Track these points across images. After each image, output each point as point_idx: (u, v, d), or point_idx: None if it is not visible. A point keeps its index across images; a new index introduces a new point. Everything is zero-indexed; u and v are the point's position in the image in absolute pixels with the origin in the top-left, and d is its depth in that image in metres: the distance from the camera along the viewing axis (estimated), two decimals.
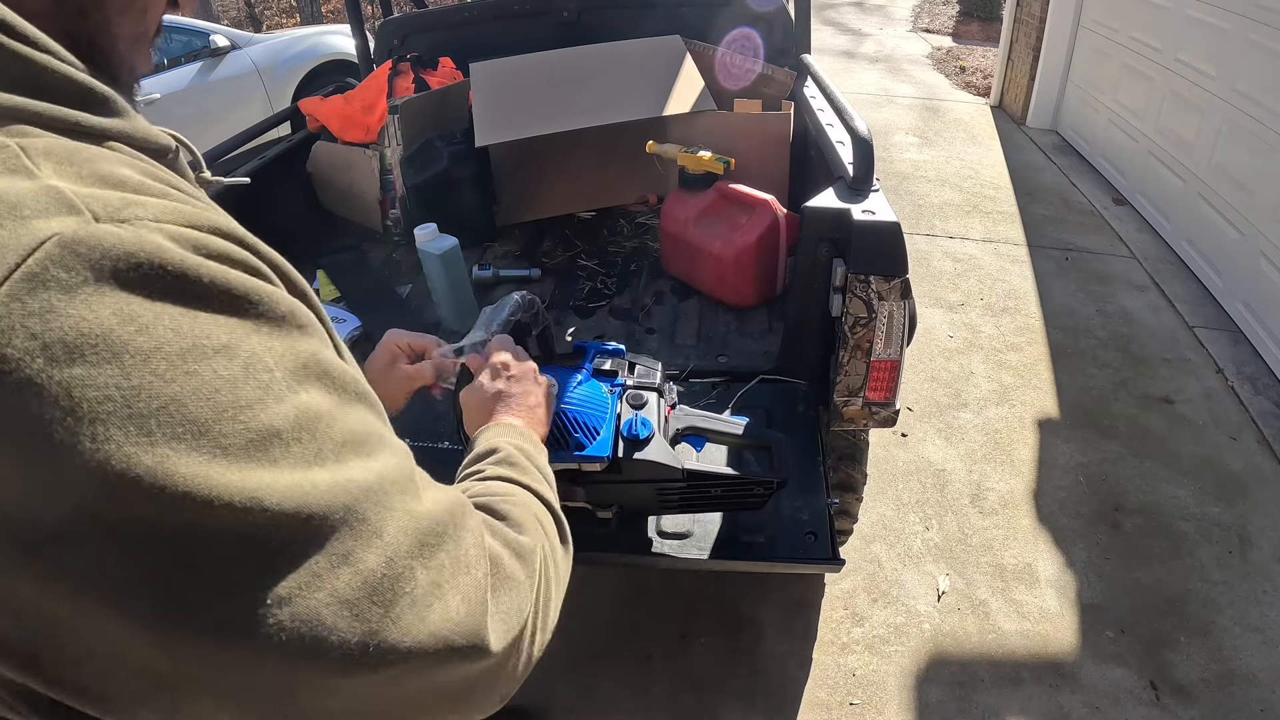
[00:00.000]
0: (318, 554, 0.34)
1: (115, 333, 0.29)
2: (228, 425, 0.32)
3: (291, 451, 0.34)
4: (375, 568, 0.36)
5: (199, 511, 0.30)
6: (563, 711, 1.80)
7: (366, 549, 0.36)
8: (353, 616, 0.35)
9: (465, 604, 0.41)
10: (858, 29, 8.34)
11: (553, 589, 0.54)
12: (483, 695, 0.46)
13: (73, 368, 0.28)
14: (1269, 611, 1.98)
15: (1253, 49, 3.10)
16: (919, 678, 1.85)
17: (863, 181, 1.50)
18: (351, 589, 0.35)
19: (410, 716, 0.41)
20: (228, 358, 0.32)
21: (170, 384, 0.30)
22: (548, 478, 0.68)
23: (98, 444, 0.28)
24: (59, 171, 0.32)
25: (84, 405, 0.28)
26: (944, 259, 3.66)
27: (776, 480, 1.17)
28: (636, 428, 1.07)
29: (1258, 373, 2.83)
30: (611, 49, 2.26)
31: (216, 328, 0.32)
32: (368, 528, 0.36)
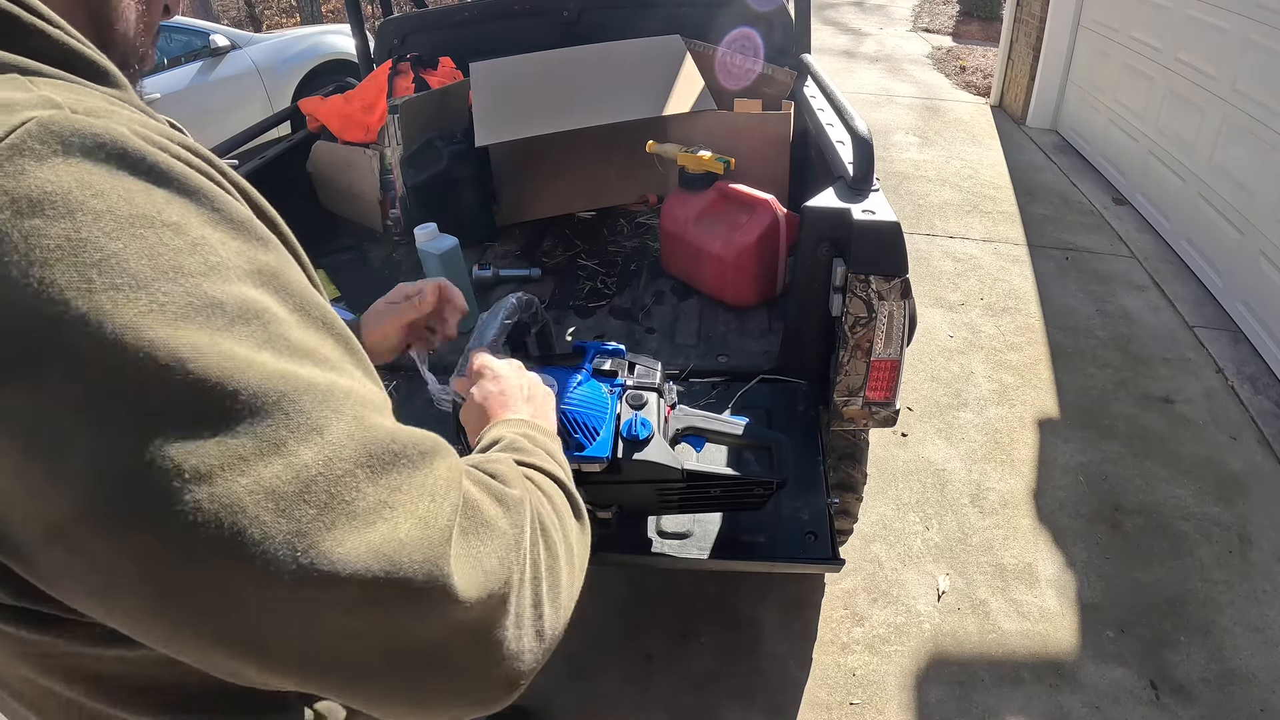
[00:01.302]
0: (246, 436, 0.33)
1: (73, 194, 0.32)
2: (167, 284, 0.33)
3: (233, 329, 0.34)
4: (310, 464, 0.34)
5: (126, 360, 0.31)
6: (563, 711, 1.80)
7: (302, 443, 0.34)
8: (278, 511, 0.33)
9: (421, 529, 0.37)
10: (858, 29, 8.34)
11: (560, 559, 0.48)
12: (468, 663, 0.40)
13: (33, 219, 0.31)
14: (1269, 611, 1.98)
15: (1253, 49, 3.10)
16: (919, 677, 1.85)
17: (863, 181, 1.50)
18: (280, 481, 0.33)
19: (373, 670, 0.37)
20: (176, 233, 0.34)
21: (115, 240, 0.32)
22: (558, 458, 0.61)
23: (43, 286, 0.31)
24: (56, 89, 0.37)
25: (37, 251, 0.31)
26: (944, 259, 3.66)
27: (776, 481, 1.17)
28: (636, 428, 1.07)
29: (1258, 373, 2.83)
30: (611, 49, 2.26)
31: (169, 206, 0.35)
32: (307, 421, 0.35)
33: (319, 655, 0.36)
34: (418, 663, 0.38)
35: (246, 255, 0.37)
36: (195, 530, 0.32)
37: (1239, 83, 3.19)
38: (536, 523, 0.48)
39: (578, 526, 0.55)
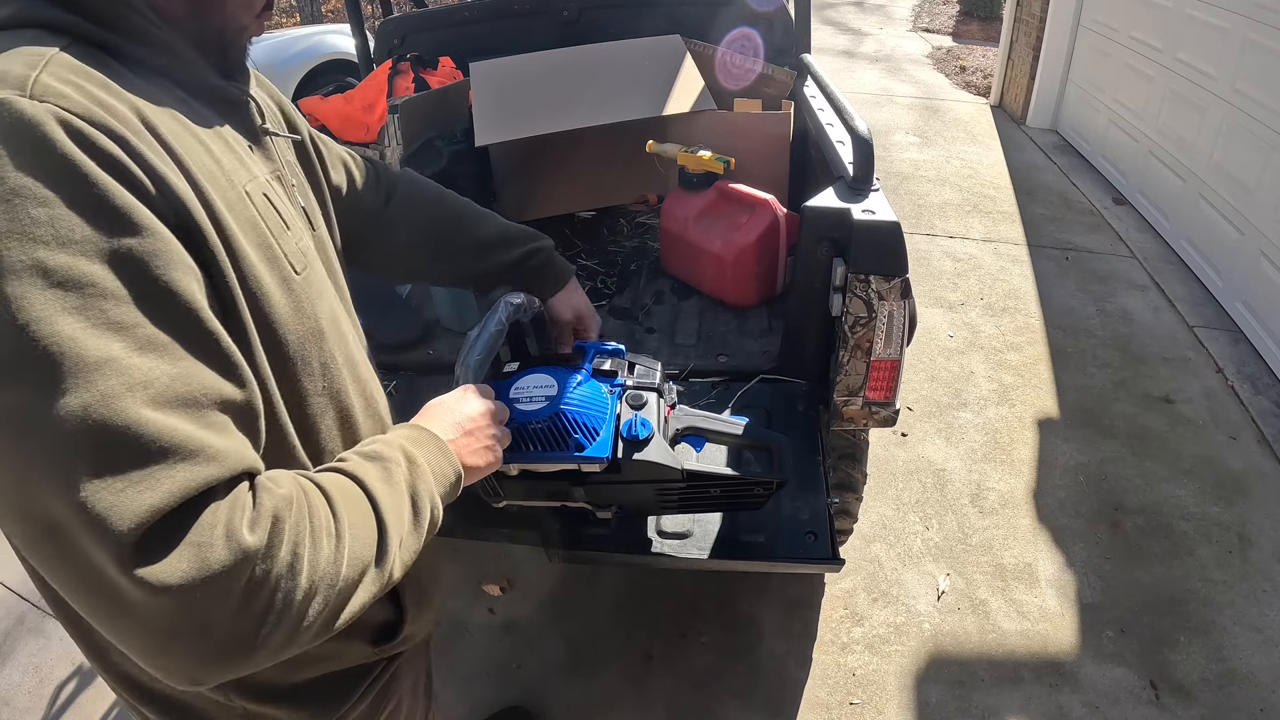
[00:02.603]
0: (9, 376, 0.41)
1: None
2: (14, 244, 0.41)
3: (49, 291, 0.42)
4: (43, 416, 0.41)
5: None
6: (562, 711, 1.80)
7: (45, 399, 0.41)
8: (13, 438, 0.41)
9: (108, 511, 0.42)
10: (858, 28, 8.34)
11: (297, 595, 0.49)
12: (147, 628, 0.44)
13: None
14: (1269, 611, 1.98)
15: (1253, 49, 3.10)
16: (919, 677, 1.85)
17: (863, 181, 1.50)
18: (22, 418, 0.41)
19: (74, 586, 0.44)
20: (40, 206, 0.42)
21: None
22: (417, 496, 0.63)
23: None
24: (56, 75, 0.47)
25: None
26: (944, 259, 3.66)
27: (776, 481, 1.17)
28: (636, 428, 1.07)
29: (1258, 372, 2.83)
30: (611, 48, 2.26)
31: (44, 187, 0.43)
32: (58, 383, 0.42)
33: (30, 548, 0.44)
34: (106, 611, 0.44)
35: (102, 238, 0.44)
36: None
37: (1239, 83, 3.19)
38: (278, 561, 0.49)
39: (369, 569, 0.56)
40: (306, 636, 0.51)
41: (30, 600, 2.14)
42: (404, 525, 0.60)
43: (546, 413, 0.98)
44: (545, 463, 1.00)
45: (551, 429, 0.98)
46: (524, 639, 1.97)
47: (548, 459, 1.00)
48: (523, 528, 1.41)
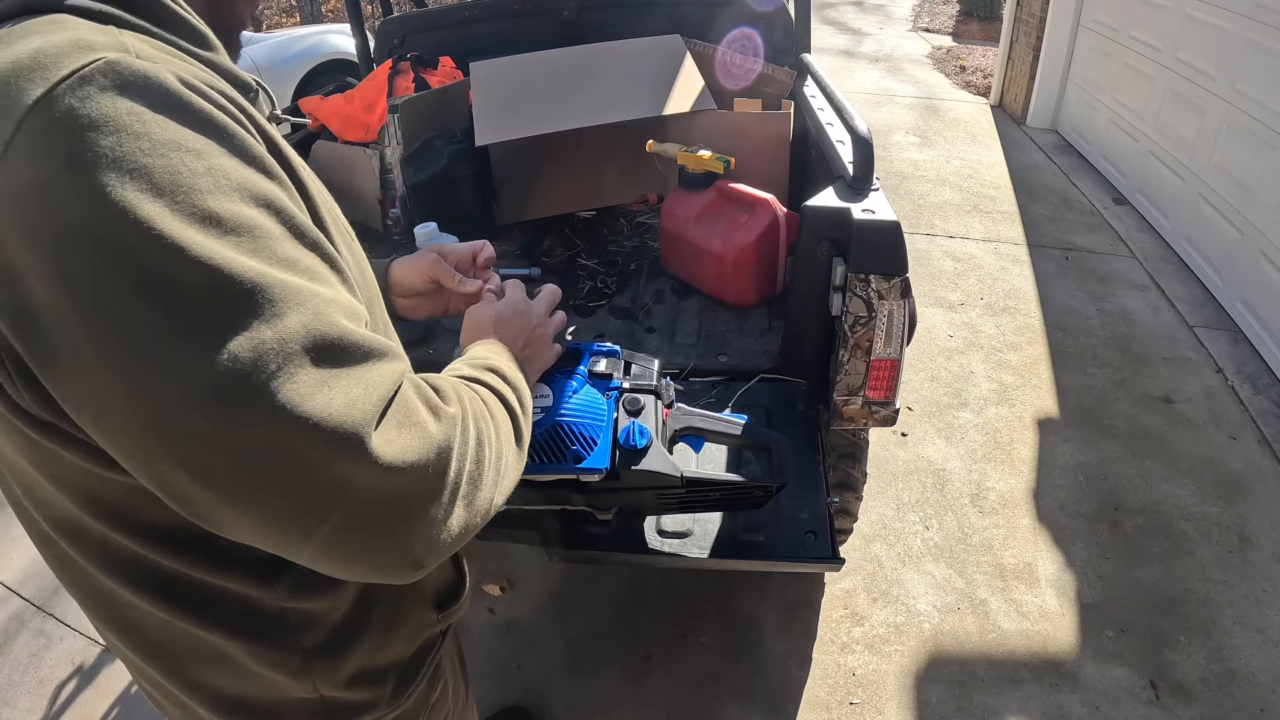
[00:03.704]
0: (221, 314, 0.42)
1: (122, 118, 0.42)
2: (181, 196, 0.42)
3: (226, 237, 0.43)
4: (267, 341, 0.43)
5: (142, 241, 0.41)
6: (562, 710, 1.80)
7: (265, 325, 0.43)
8: (237, 371, 0.42)
9: (347, 407, 0.45)
10: (858, 28, 8.34)
11: (483, 478, 0.55)
12: (377, 528, 0.47)
13: (90, 133, 0.41)
14: (1269, 611, 1.98)
15: (1253, 49, 3.10)
16: (919, 677, 1.85)
17: (863, 181, 1.50)
18: (241, 350, 0.42)
19: (294, 510, 0.45)
20: (196, 158, 0.44)
21: (148, 157, 0.42)
22: (517, 390, 0.68)
23: (92, 181, 0.41)
24: (134, 39, 0.47)
25: (89, 156, 0.41)
26: (944, 258, 3.66)
27: (776, 485, 1.17)
28: (634, 437, 1.06)
29: (1258, 372, 2.83)
30: (611, 48, 2.26)
31: (194, 138, 0.44)
32: (271, 310, 0.44)
33: (248, 484, 0.44)
34: (330, 511, 0.46)
35: (252, 183, 0.46)
36: (173, 373, 0.42)
37: (1239, 83, 3.19)
38: (469, 439, 0.54)
39: (515, 450, 0.62)
40: (489, 511, 0.56)
41: (30, 600, 2.14)
42: (519, 409, 0.66)
43: (544, 424, 0.97)
44: (543, 474, 0.99)
45: (549, 440, 0.97)
46: (524, 639, 1.97)
47: (546, 470, 0.99)
48: (523, 528, 1.41)
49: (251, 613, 0.60)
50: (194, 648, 0.62)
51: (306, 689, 0.65)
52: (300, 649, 0.63)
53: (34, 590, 2.17)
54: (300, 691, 0.66)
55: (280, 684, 0.65)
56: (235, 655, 0.62)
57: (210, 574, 0.58)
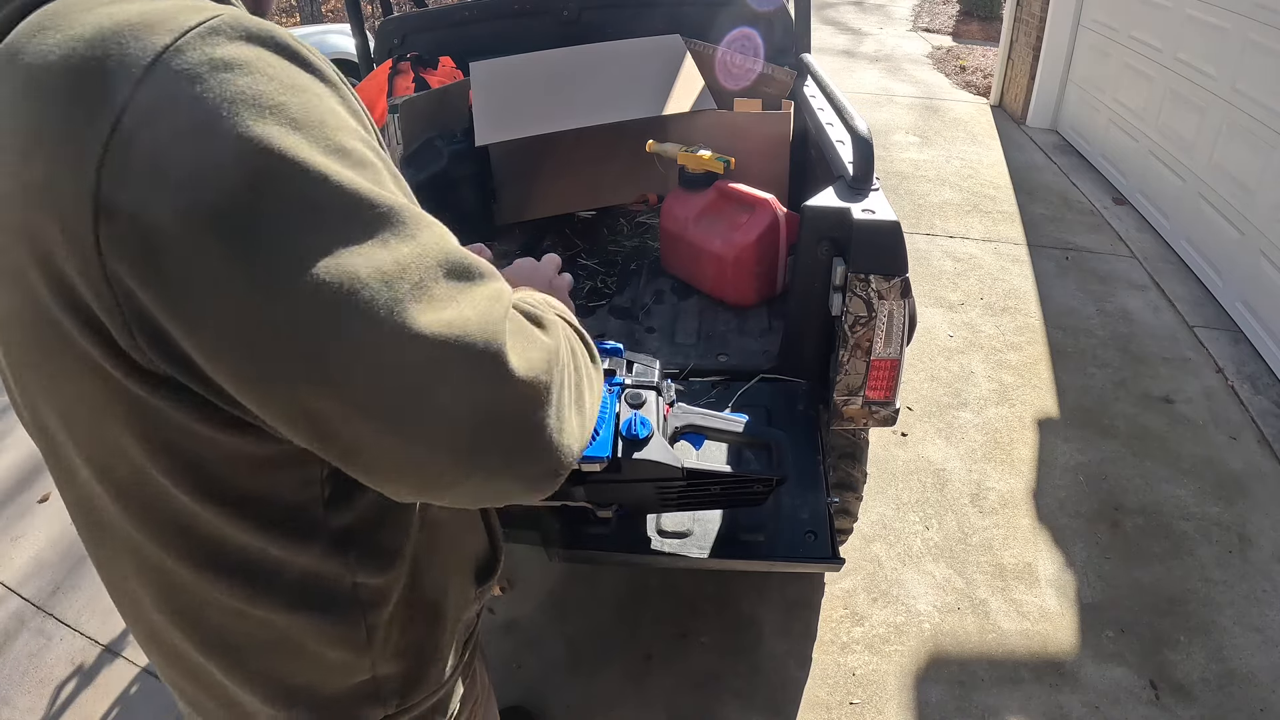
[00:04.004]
0: (364, 232, 0.45)
1: (253, 62, 0.44)
2: (315, 130, 0.45)
3: (354, 167, 0.46)
4: (406, 257, 0.46)
5: (287, 169, 0.43)
6: (562, 710, 1.80)
7: (402, 243, 0.46)
8: (383, 284, 0.44)
9: (482, 316, 0.48)
10: (857, 28, 8.34)
11: (584, 381, 0.58)
12: (519, 436, 0.49)
13: (225, 73, 0.43)
14: (1269, 611, 1.98)
15: (1253, 49, 3.10)
16: (919, 677, 1.85)
17: (863, 181, 1.50)
18: (386, 265, 0.45)
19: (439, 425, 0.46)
20: (318, 99, 0.47)
21: (280, 95, 0.44)
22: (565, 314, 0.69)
23: (230, 117, 0.42)
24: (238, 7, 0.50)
25: (228, 93, 0.43)
26: (944, 258, 3.66)
27: (775, 478, 1.17)
28: (636, 427, 1.07)
29: (1258, 372, 2.83)
30: (611, 48, 2.26)
31: (313, 83, 0.47)
32: (405, 230, 0.46)
33: (396, 399, 0.45)
34: (478, 422, 0.47)
35: (360, 129, 0.50)
36: (324, 288, 0.43)
37: (1239, 83, 3.19)
38: (568, 348, 0.57)
39: (594, 367, 0.64)
40: (594, 416, 0.60)
41: (30, 600, 2.14)
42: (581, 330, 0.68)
43: None
44: None
45: None
46: (524, 639, 1.97)
47: None
48: (523, 527, 1.41)
49: (326, 589, 0.61)
50: (259, 633, 0.61)
51: (364, 668, 0.66)
52: (366, 624, 0.64)
53: (34, 590, 2.17)
54: (358, 673, 0.66)
55: (342, 665, 0.65)
56: (303, 636, 0.62)
57: (290, 548, 0.58)
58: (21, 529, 2.40)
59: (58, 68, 0.43)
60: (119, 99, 0.41)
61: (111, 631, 2.04)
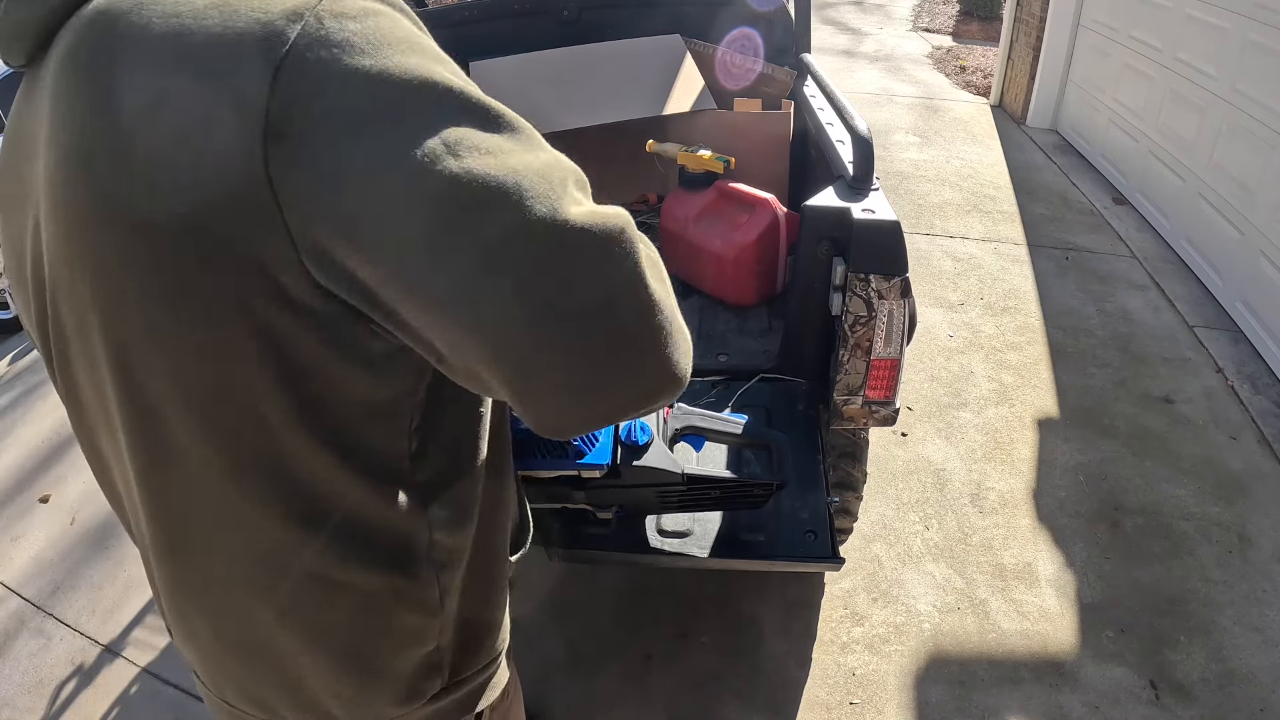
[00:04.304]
0: (511, 138, 0.49)
1: (388, 11, 0.50)
2: (436, 60, 0.49)
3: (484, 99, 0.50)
4: (547, 162, 0.50)
5: (432, 85, 0.48)
6: (563, 710, 1.80)
7: (538, 151, 0.50)
8: (539, 178, 0.48)
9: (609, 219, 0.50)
10: (857, 28, 8.34)
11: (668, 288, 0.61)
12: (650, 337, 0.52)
13: (372, 19, 0.48)
14: (1269, 611, 1.98)
15: (1253, 49, 3.10)
16: (919, 677, 1.85)
17: (863, 180, 1.50)
18: (536, 165, 0.49)
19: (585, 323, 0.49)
20: (429, 39, 0.51)
21: (417, 37, 0.50)
22: None
23: (369, 56, 0.47)
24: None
25: (360, 38, 0.47)
26: (944, 258, 3.66)
27: (776, 482, 1.17)
28: (635, 434, 1.07)
29: (1258, 372, 2.83)
30: (612, 48, 2.26)
31: (420, 31, 0.52)
32: (537, 141, 0.51)
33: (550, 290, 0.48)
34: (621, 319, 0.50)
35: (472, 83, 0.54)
36: (483, 181, 0.46)
37: (1239, 83, 3.19)
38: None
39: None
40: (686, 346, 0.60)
41: (30, 600, 2.14)
42: None
43: None
44: (545, 470, 1.00)
45: None
46: (524, 639, 1.96)
47: (547, 466, 1.00)
48: None
49: (408, 548, 0.63)
50: (340, 600, 0.62)
51: (433, 634, 0.68)
52: (439, 586, 0.66)
53: (34, 590, 2.17)
54: (427, 640, 0.68)
55: (415, 632, 0.67)
56: (383, 600, 0.64)
57: (382, 500, 0.60)
58: (21, 529, 2.40)
59: (211, 19, 0.47)
60: (281, 47, 0.45)
61: (112, 631, 2.04)
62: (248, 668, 0.67)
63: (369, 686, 0.67)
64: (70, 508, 2.46)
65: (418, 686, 0.70)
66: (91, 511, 2.43)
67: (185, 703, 1.85)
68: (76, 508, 2.45)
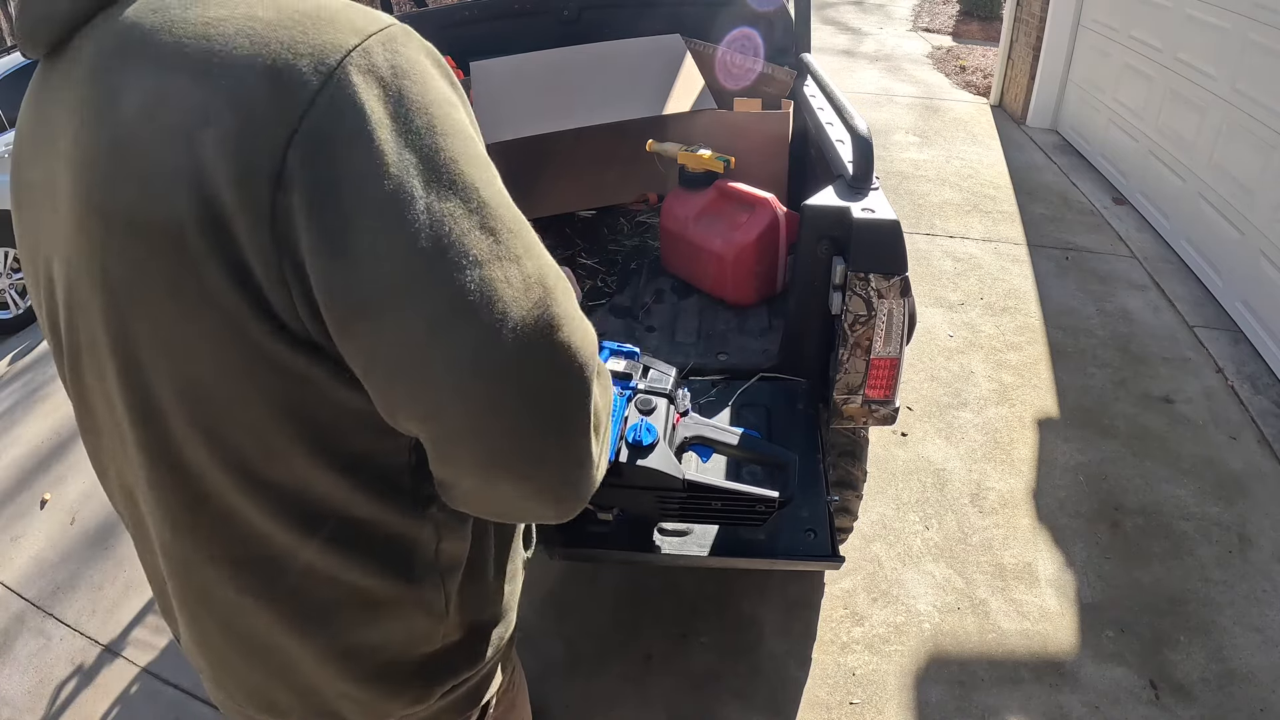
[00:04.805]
0: (503, 244, 0.50)
1: (419, 66, 0.51)
2: (462, 140, 0.51)
3: (493, 178, 0.52)
4: (530, 273, 0.51)
5: (447, 179, 0.49)
6: (562, 710, 1.80)
7: (527, 259, 0.52)
8: (520, 291, 0.50)
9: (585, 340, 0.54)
10: (857, 28, 8.34)
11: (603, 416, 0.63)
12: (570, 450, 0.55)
13: (403, 81, 0.49)
14: (1269, 611, 1.98)
15: (1253, 49, 3.10)
16: (919, 677, 1.85)
17: (862, 180, 1.50)
18: (518, 278, 0.50)
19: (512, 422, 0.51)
20: (462, 113, 0.53)
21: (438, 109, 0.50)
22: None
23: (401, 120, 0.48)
24: None
25: (396, 100, 0.49)
26: (944, 258, 3.66)
27: (780, 498, 1.16)
28: (641, 434, 1.07)
29: (1258, 372, 2.83)
30: (612, 48, 2.26)
31: (460, 100, 0.54)
32: (532, 247, 0.53)
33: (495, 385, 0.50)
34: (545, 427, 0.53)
35: (480, 140, 0.55)
36: (466, 300, 0.48)
37: (1239, 83, 3.19)
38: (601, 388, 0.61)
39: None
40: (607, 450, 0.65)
41: (30, 600, 2.14)
42: None
43: None
44: None
45: None
46: (524, 639, 1.97)
47: None
48: None
49: (414, 554, 0.64)
50: (347, 601, 0.63)
51: (438, 636, 0.69)
52: (445, 590, 0.67)
53: (34, 590, 2.17)
54: (433, 641, 0.69)
55: (422, 634, 0.68)
56: (390, 602, 0.64)
57: (385, 510, 0.61)
58: (21, 529, 2.40)
59: (241, 45, 0.47)
60: (310, 88, 0.46)
61: (112, 631, 2.04)
62: (260, 671, 0.67)
63: (380, 689, 0.67)
64: (70, 508, 2.46)
65: (428, 687, 0.70)
66: (91, 511, 2.43)
67: (185, 703, 1.85)
68: (76, 508, 2.45)
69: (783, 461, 1.20)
